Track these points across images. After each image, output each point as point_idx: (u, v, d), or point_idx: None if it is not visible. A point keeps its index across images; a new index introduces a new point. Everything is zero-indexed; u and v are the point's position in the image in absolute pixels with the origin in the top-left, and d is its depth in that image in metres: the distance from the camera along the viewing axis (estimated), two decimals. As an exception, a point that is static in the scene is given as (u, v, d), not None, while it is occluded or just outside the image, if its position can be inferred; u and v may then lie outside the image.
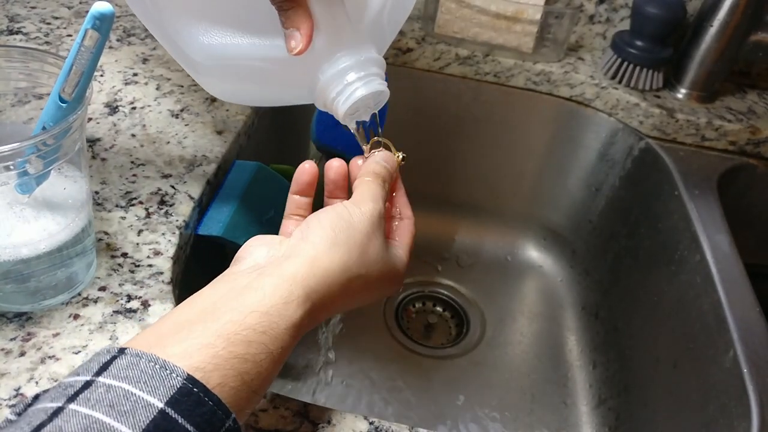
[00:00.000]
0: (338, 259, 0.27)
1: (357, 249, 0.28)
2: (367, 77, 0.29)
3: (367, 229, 0.29)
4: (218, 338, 0.22)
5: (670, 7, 0.56)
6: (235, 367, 0.22)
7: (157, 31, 0.33)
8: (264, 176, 0.42)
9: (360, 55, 0.29)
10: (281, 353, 0.24)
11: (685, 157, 0.58)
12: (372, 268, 0.29)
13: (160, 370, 0.20)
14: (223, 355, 0.22)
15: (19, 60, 0.30)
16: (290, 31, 0.28)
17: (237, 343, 0.23)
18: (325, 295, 0.26)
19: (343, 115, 0.30)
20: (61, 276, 0.32)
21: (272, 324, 0.24)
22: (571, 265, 0.69)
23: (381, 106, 0.32)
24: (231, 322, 0.23)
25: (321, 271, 0.26)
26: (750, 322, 0.43)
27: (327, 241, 0.27)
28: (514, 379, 0.61)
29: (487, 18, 0.59)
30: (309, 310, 0.25)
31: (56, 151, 0.27)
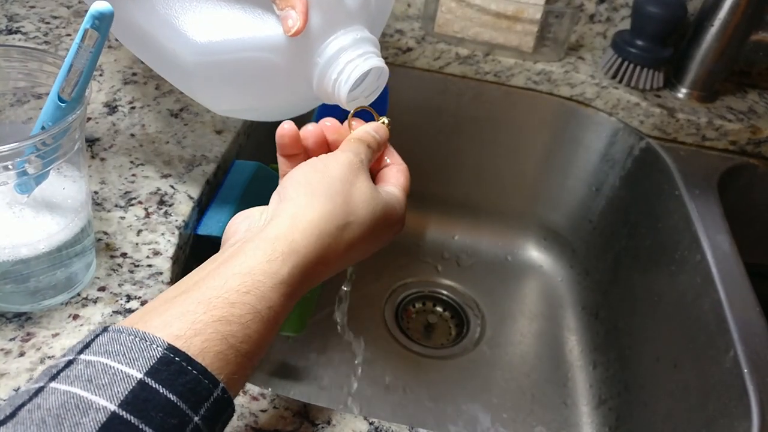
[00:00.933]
0: (320, 207, 0.26)
1: (339, 196, 0.27)
2: (365, 54, 0.29)
3: (345, 175, 0.28)
4: (198, 305, 0.22)
5: (671, 6, 0.56)
6: (218, 330, 0.21)
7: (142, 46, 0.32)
8: (263, 176, 0.42)
9: (355, 34, 0.29)
10: (271, 313, 0.23)
11: (686, 156, 0.58)
12: (362, 212, 0.27)
13: (139, 342, 0.20)
14: (203, 320, 0.21)
15: (18, 59, 0.30)
16: (285, 12, 0.27)
17: (218, 306, 0.22)
18: (315, 249, 0.25)
19: (346, 96, 0.29)
20: (61, 276, 0.32)
21: (256, 283, 0.23)
22: (571, 264, 0.69)
23: (381, 88, 0.32)
24: (212, 288, 0.22)
25: (304, 224, 0.25)
26: (750, 322, 0.43)
27: (304, 194, 0.27)
28: (514, 379, 0.60)
29: (488, 17, 0.59)
30: (297, 265, 0.24)
31: (55, 150, 0.27)
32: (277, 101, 0.33)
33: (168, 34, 0.29)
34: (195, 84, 0.31)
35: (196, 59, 0.29)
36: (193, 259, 0.40)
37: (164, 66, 0.32)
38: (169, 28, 0.29)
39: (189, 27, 0.29)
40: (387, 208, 0.29)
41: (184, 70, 0.30)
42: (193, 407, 0.19)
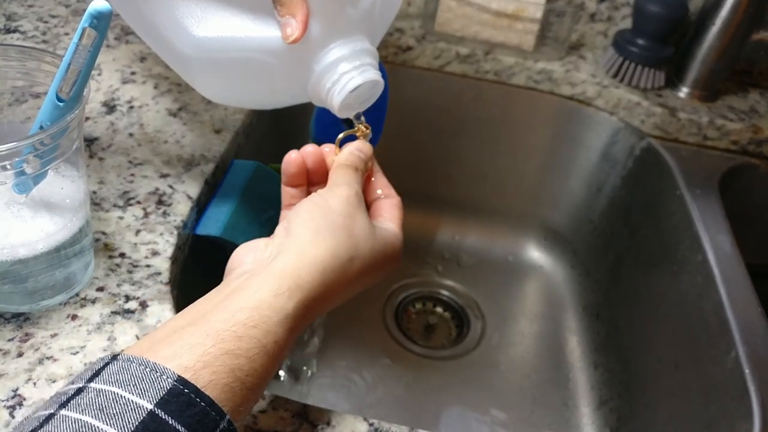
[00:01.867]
0: (325, 245, 0.27)
1: (342, 231, 0.28)
2: (362, 66, 0.29)
3: (347, 210, 0.28)
4: (207, 337, 0.22)
5: (672, 5, 0.55)
6: (225, 363, 0.22)
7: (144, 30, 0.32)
8: (263, 175, 0.41)
9: (354, 45, 0.29)
10: (276, 348, 0.23)
11: (687, 156, 0.57)
12: (362, 247, 0.28)
13: (150, 372, 0.20)
14: (212, 353, 0.22)
15: (16, 59, 0.30)
16: (286, 19, 0.28)
17: (227, 340, 0.22)
18: (319, 285, 0.26)
19: (339, 106, 0.30)
20: (59, 276, 0.32)
21: (263, 317, 0.23)
22: (572, 265, 0.69)
23: (376, 97, 0.32)
24: (220, 320, 0.23)
25: (309, 261, 0.26)
26: (752, 322, 0.43)
27: (310, 231, 0.27)
28: (515, 380, 0.60)
29: (488, 16, 0.59)
30: (302, 300, 0.25)
31: (53, 150, 0.27)
32: (271, 97, 0.34)
33: (168, 25, 0.30)
34: (193, 74, 0.32)
35: (194, 53, 0.29)
36: (192, 260, 0.40)
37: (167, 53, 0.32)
38: (169, 19, 0.29)
39: (189, 20, 0.29)
40: (385, 244, 0.30)
41: (183, 61, 0.30)
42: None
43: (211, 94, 0.33)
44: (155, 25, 0.30)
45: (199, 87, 0.32)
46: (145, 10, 0.30)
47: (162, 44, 0.31)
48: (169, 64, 0.33)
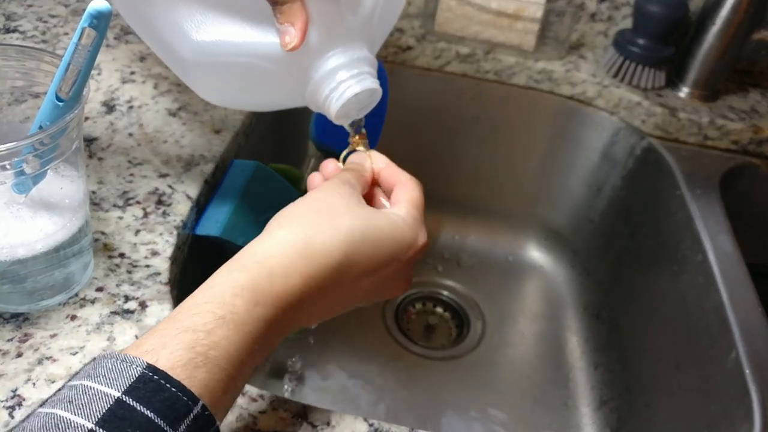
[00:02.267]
0: (287, 225, 0.26)
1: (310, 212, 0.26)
2: (359, 75, 0.29)
3: (320, 196, 0.27)
4: (167, 321, 0.23)
5: (673, 5, 0.55)
6: (183, 340, 0.21)
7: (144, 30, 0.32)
8: (262, 176, 0.41)
9: (353, 53, 0.29)
10: (236, 318, 0.23)
11: (688, 156, 0.57)
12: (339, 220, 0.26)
13: (120, 363, 0.20)
14: (170, 333, 0.22)
15: (15, 58, 0.30)
16: (285, 27, 0.27)
17: (183, 320, 0.22)
18: (280, 259, 0.25)
19: (336, 114, 0.30)
20: (58, 276, 0.32)
21: (217, 293, 0.23)
22: (573, 265, 0.69)
23: (374, 105, 0.32)
24: (180, 306, 0.23)
25: (268, 240, 0.26)
26: (752, 322, 0.43)
27: (276, 221, 0.27)
28: (515, 380, 0.60)
29: (488, 16, 0.59)
30: (260, 273, 0.24)
31: (53, 150, 0.27)
32: (270, 101, 0.34)
33: (168, 28, 0.30)
34: (191, 77, 0.32)
35: (192, 56, 0.29)
36: (191, 260, 0.40)
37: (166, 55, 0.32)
38: (169, 22, 0.29)
39: (189, 24, 0.29)
40: (377, 222, 0.27)
41: (182, 64, 0.30)
42: (171, 423, 0.20)
43: (208, 96, 0.33)
44: (155, 27, 0.30)
45: (196, 89, 0.32)
46: (146, 11, 0.30)
47: (161, 46, 0.31)
48: (168, 65, 0.33)
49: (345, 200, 0.27)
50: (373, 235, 0.27)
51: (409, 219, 0.28)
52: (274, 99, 0.33)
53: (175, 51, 0.30)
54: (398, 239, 0.27)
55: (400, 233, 0.28)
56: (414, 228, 0.28)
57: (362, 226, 0.26)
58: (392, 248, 0.27)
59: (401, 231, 0.28)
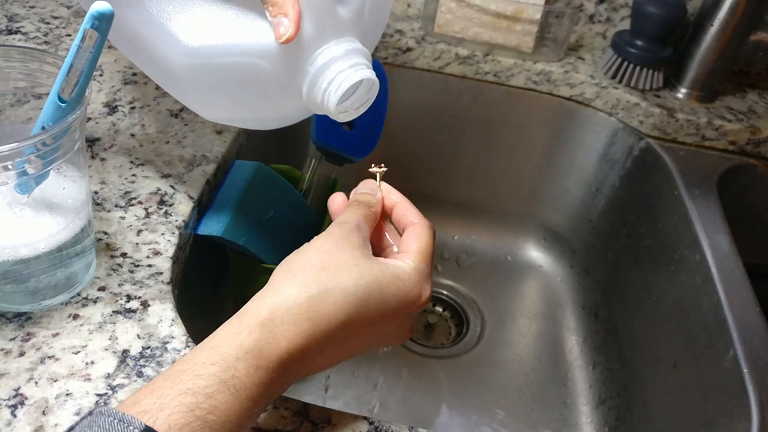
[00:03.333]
0: (292, 282, 0.25)
1: (314, 267, 0.26)
2: (356, 66, 0.29)
3: (326, 247, 0.27)
4: (167, 380, 0.22)
5: (670, 6, 0.56)
6: (183, 402, 0.21)
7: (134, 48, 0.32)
8: (264, 176, 0.42)
9: (347, 45, 0.29)
10: (238, 383, 0.23)
11: (685, 156, 0.58)
12: (344, 279, 0.25)
13: (117, 423, 0.20)
14: (170, 394, 0.21)
15: (18, 60, 0.30)
16: (278, 19, 0.27)
17: (184, 380, 0.22)
18: (284, 320, 0.24)
19: (335, 105, 0.29)
20: (61, 276, 0.32)
21: (221, 354, 0.23)
22: (571, 264, 0.69)
23: (371, 101, 0.32)
24: (181, 363, 0.23)
25: (274, 298, 0.25)
26: (750, 321, 0.43)
27: (282, 273, 0.26)
28: (514, 378, 0.61)
29: (487, 17, 0.59)
30: (264, 336, 0.24)
31: (55, 150, 0.27)
32: (267, 110, 0.33)
33: (159, 36, 0.29)
34: (185, 88, 0.31)
35: (186, 62, 0.29)
36: (193, 259, 0.40)
37: (156, 70, 0.32)
38: (160, 30, 0.29)
39: (180, 29, 0.29)
40: (384, 279, 0.26)
41: (175, 73, 0.30)
42: None
43: (203, 109, 0.32)
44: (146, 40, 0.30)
45: (191, 102, 0.32)
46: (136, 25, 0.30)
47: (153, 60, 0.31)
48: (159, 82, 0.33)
49: (352, 252, 0.27)
50: (377, 293, 0.26)
51: (415, 275, 0.28)
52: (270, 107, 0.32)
53: (167, 60, 0.29)
54: (402, 296, 0.27)
55: (405, 290, 0.27)
56: (419, 284, 0.28)
57: (367, 285, 0.26)
58: (396, 305, 0.27)
59: (406, 288, 0.27)
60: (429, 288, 0.28)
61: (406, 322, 0.29)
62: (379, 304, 0.26)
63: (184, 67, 0.29)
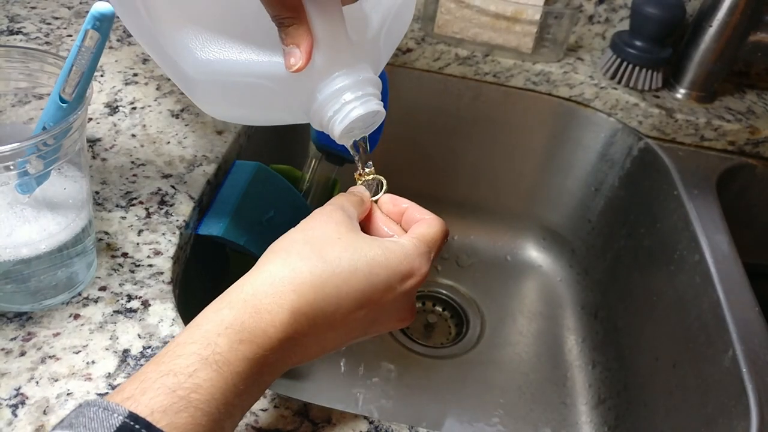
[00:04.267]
0: (273, 258, 0.25)
1: (298, 243, 0.26)
2: (364, 97, 0.29)
3: (309, 226, 0.27)
4: (149, 365, 0.22)
5: (670, 7, 0.56)
6: (164, 384, 0.21)
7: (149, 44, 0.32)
8: (264, 176, 0.42)
9: (358, 75, 0.29)
10: (220, 359, 0.22)
11: (685, 157, 0.58)
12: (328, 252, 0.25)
13: (102, 412, 0.20)
14: (152, 377, 0.21)
15: (19, 60, 0.30)
16: (290, 48, 0.27)
17: (166, 362, 0.22)
18: (267, 293, 0.24)
19: (339, 135, 0.29)
20: (62, 276, 0.32)
21: (201, 332, 0.23)
22: (571, 264, 0.69)
23: (377, 125, 0.32)
24: (164, 348, 0.23)
25: (256, 275, 0.25)
26: (749, 321, 0.43)
27: (266, 255, 0.26)
28: (514, 378, 0.61)
29: (487, 18, 0.59)
30: (246, 310, 0.23)
31: (56, 151, 0.27)
32: (272, 117, 0.33)
33: (172, 44, 0.29)
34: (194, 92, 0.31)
35: (197, 75, 0.29)
36: (193, 259, 0.40)
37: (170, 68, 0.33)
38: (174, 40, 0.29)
39: (193, 41, 0.29)
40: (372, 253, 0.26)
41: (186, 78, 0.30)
42: None
43: (212, 111, 0.33)
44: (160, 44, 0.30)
45: (200, 104, 0.32)
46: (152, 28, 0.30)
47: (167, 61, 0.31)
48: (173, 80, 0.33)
49: (336, 227, 0.26)
50: (364, 265, 0.25)
51: (410, 248, 0.27)
52: (276, 116, 0.33)
53: (179, 67, 0.30)
54: (393, 268, 0.26)
55: (395, 262, 0.26)
56: (412, 257, 0.27)
57: (352, 257, 0.25)
58: (386, 277, 0.26)
59: (397, 260, 0.26)
60: (426, 265, 0.27)
61: (402, 301, 0.28)
62: (367, 278, 0.25)
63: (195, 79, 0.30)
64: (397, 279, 0.26)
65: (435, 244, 0.28)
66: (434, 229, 0.29)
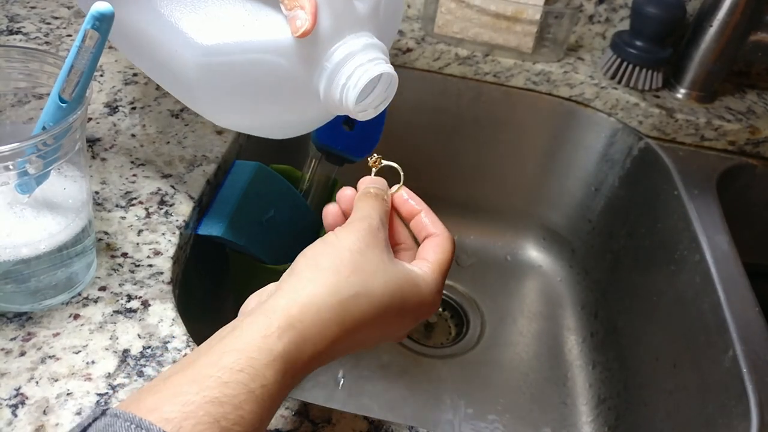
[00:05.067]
0: (323, 281, 0.25)
1: (346, 267, 0.25)
2: (375, 59, 0.28)
3: (356, 245, 0.26)
4: (192, 384, 0.21)
5: (670, 7, 0.56)
6: (210, 413, 0.20)
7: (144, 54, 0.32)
8: (264, 176, 0.42)
9: (365, 40, 0.28)
10: (265, 392, 0.22)
11: (685, 156, 0.58)
12: (372, 284, 0.25)
13: (135, 429, 0.19)
14: (195, 401, 0.20)
15: (18, 60, 0.30)
16: (294, 12, 0.26)
17: (211, 387, 0.21)
18: (314, 324, 0.24)
19: (355, 101, 0.28)
20: (62, 276, 0.32)
21: (250, 360, 0.22)
22: (571, 264, 0.69)
23: (390, 99, 0.31)
24: (206, 365, 0.22)
25: (303, 298, 0.24)
26: (749, 321, 0.43)
27: (309, 268, 0.25)
28: (514, 378, 0.61)
29: (487, 18, 0.59)
30: (294, 340, 0.23)
31: (56, 151, 0.27)
32: (283, 112, 0.32)
33: (171, 37, 0.29)
34: (197, 93, 0.30)
35: (200, 62, 0.28)
36: (193, 259, 0.40)
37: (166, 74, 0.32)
38: (171, 30, 0.29)
39: (192, 29, 0.28)
40: (406, 287, 0.26)
41: (187, 76, 0.29)
42: None
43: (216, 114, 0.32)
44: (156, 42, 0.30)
45: (203, 107, 0.31)
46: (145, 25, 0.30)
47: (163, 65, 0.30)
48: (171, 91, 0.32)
49: (380, 255, 0.26)
50: (399, 300, 0.26)
51: (433, 285, 0.28)
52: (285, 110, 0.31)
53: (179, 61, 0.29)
54: (419, 305, 0.27)
55: (422, 300, 0.27)
56: (434, 294, 0.28)
57: (393, 293, 0.26)
58: (411, 312, 0.27)
59: (423, 298, 0.27)
60: (440, 299, 0.29)
61: (410, 325, 0.29)
62: (398, 311, 0.26)
63: (198, 68, 0.29)
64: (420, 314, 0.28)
65: (448, 269, 0.29)
66: (448, 254, 0.29)
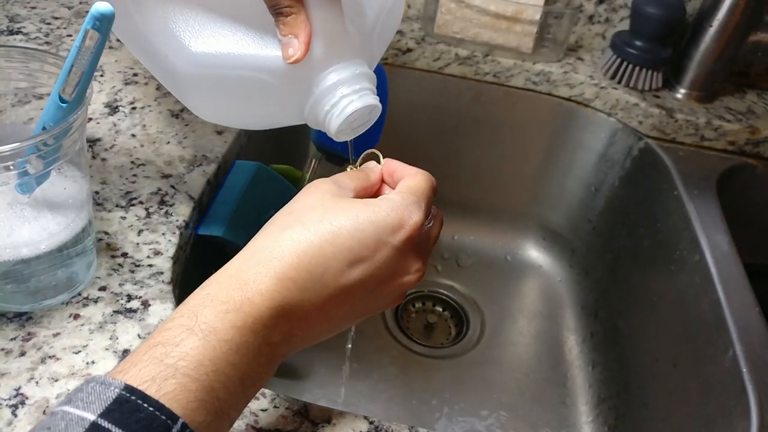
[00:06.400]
0: (260, 233, 0.26)
1: (281, 214, 0.26)
2: (361, 91, 0.29)
3: (297, 197, 0.27)
4: (142, 344, 0.22)
5: (670, 7, 0.56)
6: (153, 356, 0.21)
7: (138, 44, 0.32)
8: (264, 176, 0.42)
9: (354, 68, 0.29)
10: (206, 328, 0.22)
11: (685, 157, 0.58)
12: (312, 217, 0.25)
13: (99, 386, 0.20)
14: (141, 350, 0.22)
15: (19, 60, 0.30)
16: (288, 39, 0.27)
17: (155, 336, 0.22)
18: (250, 266, 0.24)
19: (336, 130, 0.29)
20: (62, 276, 0.32)
21: (188, 305, 0.23)
22: (571, 264, 0.69)
23: (373, 122, 0.31)
24: (159, 326, 0.23)
25: (244, 251, 0.25)
26: (749, 321, 0.43)
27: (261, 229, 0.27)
28: (514, 378, 0.61)
29: (487, 18, 0.59)
30: (231, 282, 0.24)
31: (56, 151, 0.27)
32: (267, 119, 0.33)
33: (164, 40, 0.29)
34: (186, 91, 0.31)
35: (190, 69, 0.29)
36: (193, 259, 0.40)
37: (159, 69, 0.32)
38: (165, 34, 0.29)
39: (186, 35, 0.28)
40: (352, 209, 0.25)
41: (178, 76, 0.30)
42: None
43: (202, 111, 0.32)
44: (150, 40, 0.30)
45: (191, 104, 0.31)
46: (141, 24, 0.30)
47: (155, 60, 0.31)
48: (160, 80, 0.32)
49: (320, 195, 0.27)
50: (347, 223, 0.25)
51: (396, 200, 0.26)
52: (269, 117, 0.32)
53: (171, 63, 0.29)
54: (380, 221, 0.25)
55: (382, 215, 0.25)
56: (400, 208, 0.26)
57: (334, 218, 0.25)
58: (374, 232, 0.25)
59: (384, 212, 0.26)
60: (416, 214, 0.26)
61: (401, 256, 0.26)
62: (353, 233, 0.25)
63: (187, 74, 0.29)
64: (387, 232, 0.25)
65: (423, 193, 0.28)
66: (417, 179, 0.28)
